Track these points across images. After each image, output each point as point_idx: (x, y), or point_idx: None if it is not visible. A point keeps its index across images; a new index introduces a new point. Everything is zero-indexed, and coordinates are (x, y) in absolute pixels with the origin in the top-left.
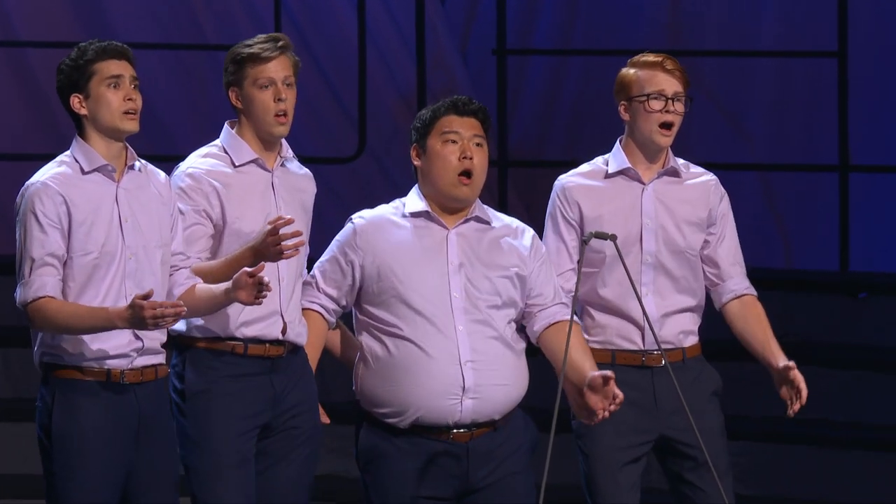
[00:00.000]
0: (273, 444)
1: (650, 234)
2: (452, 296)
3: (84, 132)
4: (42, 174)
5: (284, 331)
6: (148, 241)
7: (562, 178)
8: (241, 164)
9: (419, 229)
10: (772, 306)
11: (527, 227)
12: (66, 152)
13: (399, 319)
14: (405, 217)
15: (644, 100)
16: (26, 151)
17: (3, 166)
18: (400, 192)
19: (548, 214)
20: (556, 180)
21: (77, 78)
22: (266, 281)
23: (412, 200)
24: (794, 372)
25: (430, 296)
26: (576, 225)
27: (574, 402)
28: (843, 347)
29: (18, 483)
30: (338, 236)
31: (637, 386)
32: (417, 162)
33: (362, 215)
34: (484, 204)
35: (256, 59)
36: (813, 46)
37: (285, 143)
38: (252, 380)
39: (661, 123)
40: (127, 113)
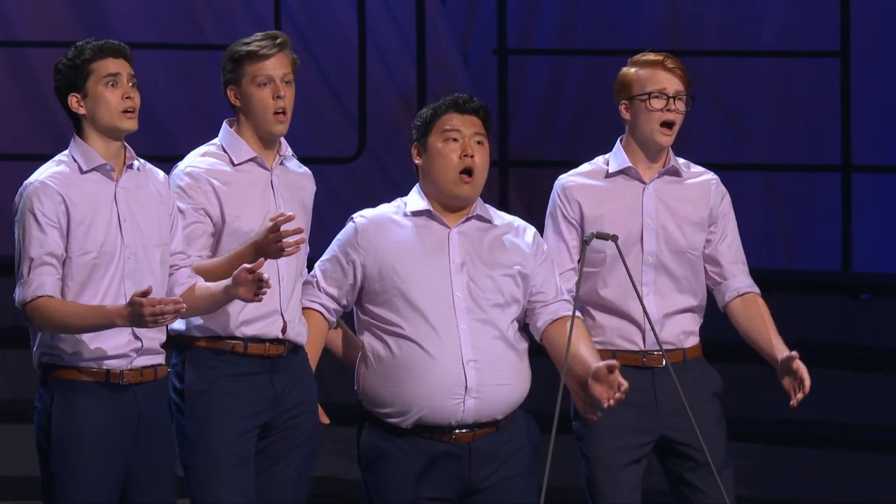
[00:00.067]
0: (273, 444)
1: (651, 234)
2: (455, 295)
3: (82, 131)
4: (40, 173)
5: (284, 330)
6: (147, 241)
7: (562, 178)
8: (241, 163)
9: (421, 228)
10: (773, 307)
11: (528, 225)
12: (65, 151)
13: (401, 319)
14: (406, 216)
15: (645, 99)
16: (26, 151)
17: (2, 166)
18: (400, 191)
19: (548, 214)
20: (557, 180)
21: (75, 77)
22: (266, 278)
23: (413, 199)
24: (796, 362)
25: (432, 295)
26: (576, 224)
27: (577, 397)
28: (845, 348)
29: (17, 485)
30: (339, 235)
31: (638, 386)
32: (418, 160)
33: (363, 214)
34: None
35: (254, 56)
36: (815, 46)
37: (284, 142)
38: (252, 379)
39: (663, 122)
40: (125, 112)
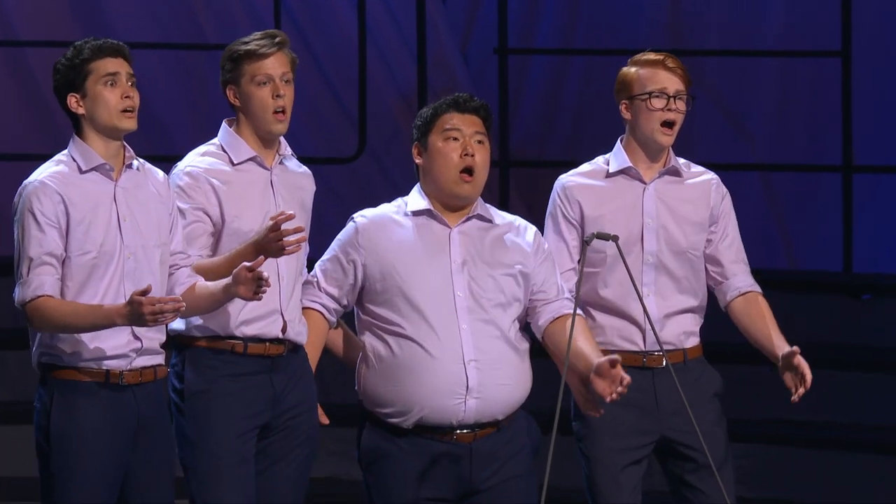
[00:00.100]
0: (272, 444)
1: (651, 234)
2: (456, 294)
3: (82, 131)
4: (39, 173)
5: (284, 329)
6: (147, 241)
7: (562, 178)
8: (240, 163)
9: (421, 228)
10: (774, 308)
11: (529, 224)
12: (64, 151)
13: (402, 318)
14: (407, 216)
15: (646, 98)
16: (26, 152)
17: (2, 167)
18: (400, 192)
19: (548, 214)
20: (557, 179)
21: (73, 77)
22: (265, 276)
23: (414, 199)
24: (797, 358)
25: (433, 295)
26: (576, 224)
27: (579, 394)
28: (846, 349)
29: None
30: (339, 235)
31: (638, 387)
32: (419, 160)
33: (364, 214)
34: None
35: (253, 55)
36: (816, 46)
37: (284, 141)
38: (252, 379)
39: (663, 122)
40: (125, 111)
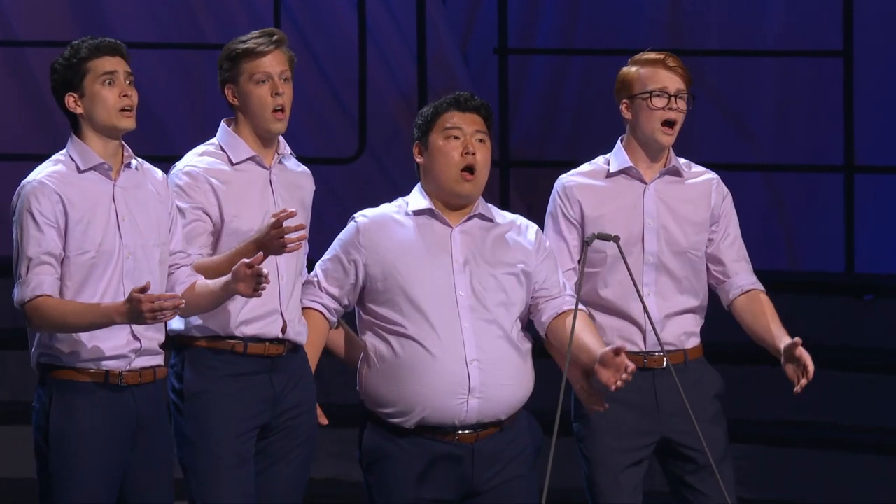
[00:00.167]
0: (272, 444)
1: (652, 234)
2: (458, 294)
3: (80, 131)
4: (38, 173)
5: (284, 329)
6: (146, 240)
7: (563, 178)
8: (239, 162)
9: (422, 227)
10: (776, 308)
11: (530, 222)
12: (62, 151)
13: (404, 318)
14: (408, 215)
15: (646, 97)
16: (25, 152)
17: (1, 167)
18: (400, 192)
19: (548, 213)
20: (557, 179)
21: (71, 77)
22: (265, 272)
23: (415, 198)
24: (799, 349)
25: (435, 294)
26: (577, 224)
27: (582, 390)
28: (848, 349)
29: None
30: (340, 235)
31: (638, 388)
32: (420, 159)
33: (365, 214)
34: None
35: (251, 54)
36: (818, 46)
37: (283, 141)
38: (251, 379)
39: (664, 121)
40: (123, 110)
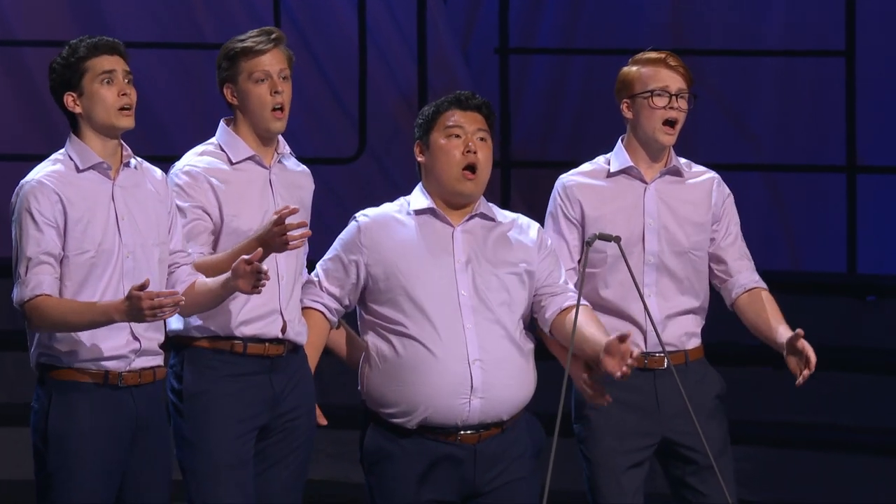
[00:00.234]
0: (271, 446)
1: (653, 235)
2: (460, 293)
3: (79, 130)
4: (37, 172)
5: (284, 329)
6: (145, 240)
7: (563, 177)
8: (238, 162)
9: (424, 227)
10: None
11: (532, 221)
12: (61, 150)
13: (406, 318)
14: (409, 215)
15: (647, 96)
16: (24, 152)
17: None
18: (400, 192)
19: (548, 213)
20: (558, 179)
21: (69, 76)
22: (264, 269)
23: (416, 198)
24: (801, 341)
25: (437, 294)
26: (577, 224)
27: (585, 385)
28: (851, 350)
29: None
30: (341, 235)
31: (639, 389)
32: (421, 158)
33: (366, 213)
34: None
35: (250, 52)
36: (820, 45)
37: (282, 140)
38: (251, 379)
39: (665, 121)
40: (122, 109)
